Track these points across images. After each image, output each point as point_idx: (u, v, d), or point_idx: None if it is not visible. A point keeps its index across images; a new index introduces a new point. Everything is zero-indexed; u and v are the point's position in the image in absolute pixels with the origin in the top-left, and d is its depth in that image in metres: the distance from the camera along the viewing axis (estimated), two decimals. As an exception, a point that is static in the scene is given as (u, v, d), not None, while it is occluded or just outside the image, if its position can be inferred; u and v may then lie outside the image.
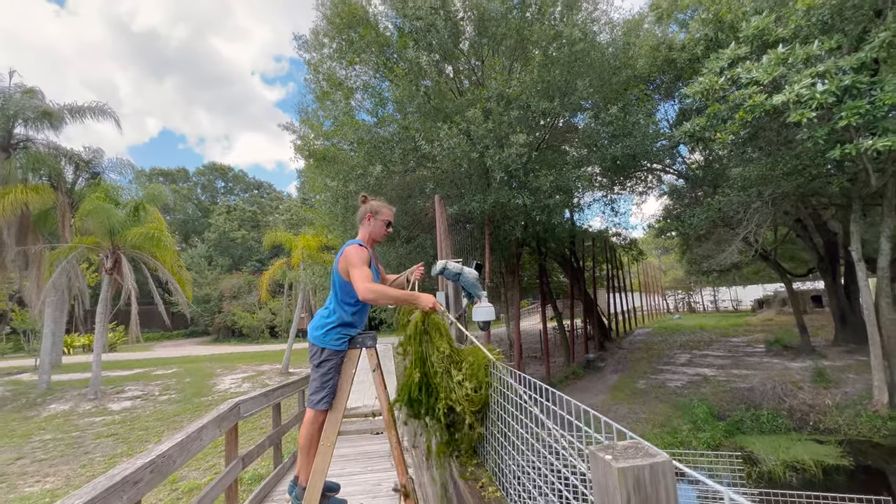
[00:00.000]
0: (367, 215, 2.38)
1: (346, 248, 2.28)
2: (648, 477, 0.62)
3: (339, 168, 8.67)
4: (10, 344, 28.16)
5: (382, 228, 2.40)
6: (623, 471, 0.62)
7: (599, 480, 0.67)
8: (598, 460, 0.68)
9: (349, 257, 2.22)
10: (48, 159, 14.67)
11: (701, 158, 14.73)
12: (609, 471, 0.64)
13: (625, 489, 0.61)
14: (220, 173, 52.89)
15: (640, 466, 0.62)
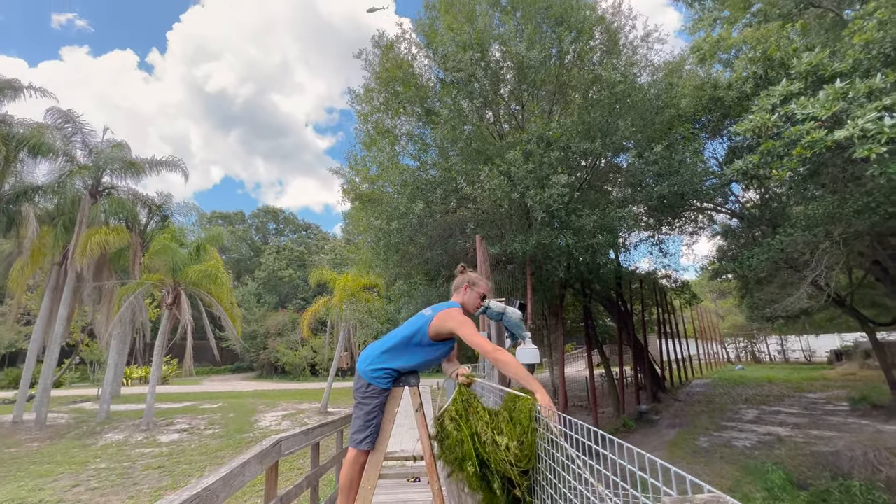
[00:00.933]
0: (465, 285, 2.42)
1: (449, 308, 2.27)
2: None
3: (382, 208, 9.01)
4: (77, 373, 30.28)
5: (477, 301, 2.42)
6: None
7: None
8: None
9: (456, 322, 2.20)
10: (127, 204, 16.34)
11: (756, 196, 13.99)
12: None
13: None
14: (272, 216, 56.46)
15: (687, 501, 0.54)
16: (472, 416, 2.01)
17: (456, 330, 2.18)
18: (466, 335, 2.14)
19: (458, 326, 2.18)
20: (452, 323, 2.20)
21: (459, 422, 2.02)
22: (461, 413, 2.04)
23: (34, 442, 11.69)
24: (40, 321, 15.20)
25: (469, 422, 2.00)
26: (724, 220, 16.15)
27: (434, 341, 2.23)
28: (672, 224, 15.23)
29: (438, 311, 2.28)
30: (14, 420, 13.77)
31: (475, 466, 1.91)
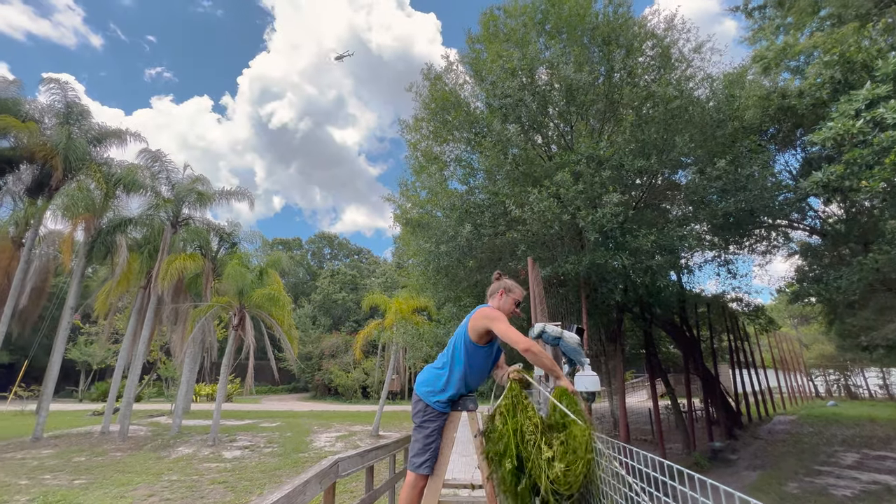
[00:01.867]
0: (501, 291, 2.45)
1: (484, 308, 2.33)
2: None
3: (431, 232, 9.17)
4: (154, 389, 32.92)
5: (512, 306, 2.44)
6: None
7: None
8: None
9: (489, 317, 2.25)
10: (202, 232, 17.93)
11: (840, 211, 12.65)
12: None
13: None
14: (327, 241, 59.36)
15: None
16: (520, 413, 1.97)
17: (490, 324, 2.20)
18: (500, 330, 2.16)
19: (491, 321, 2.20)
20: (485, 320, 2.22)
21: (507, 416, 2.01)
22: (509, 408, 2.02)
23: (117, 452, 12.74)
24: (126, 340, 16.82)
25: (516, 418, 1.97)
26: (801, 237, 14.70)
27: (476, 344, 2.23)
28: (740, 243, 14.07)
29: (473, 314, 2.29)
30: (102, 431, 15.15)
31: (513, 463, 1.87)
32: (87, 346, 31.41)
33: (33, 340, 23.35)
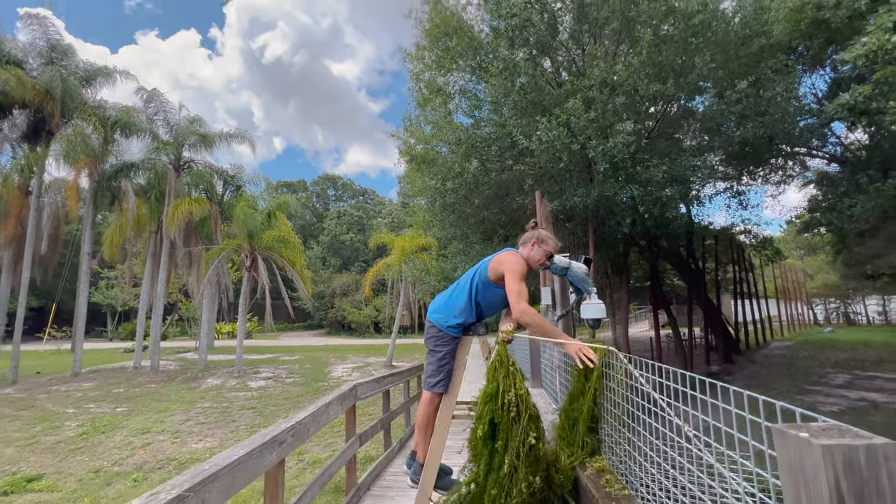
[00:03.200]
0: (533, 241, 2.39)
1: (506, 253, 2.32)
2: (864, 460, 0.52)
3: (437, 169, 8.99)
4: (178, 328, 34.73)
5: (543, 258, 2.38)
6: (828, 448, 0.53)
7: (791, 461, 0.58)
8: (788, 438, 0.59)
9: (509, 263, 2.23)
10: (205, 176, 17.79)
11: (864, 137, 12.09)
12: (807, 449, 0.55)
13: (831, 469, 0.52)
14: (331, 182, 58.73)
15: (851, 446, 0.53)
16: (502, 380, 1.93)
17: (505, 271, 2.20)
18: (509, 282, 2.16)
19: (507, 268, 2.20)
20: (504, 266, 2.22)
21: (490, 376, 1.99)
22: (492, 370, 1.99)
23: (152, 384, 13.78)
24: (145, 283, 17.44)
25: (495, 382, 1.93)
26: (819, 166, 14.21)
27: (493, 282, 2.28)
28: (754, 173, 13.66)
29: (495, 256, 2.32)
30: (135, 366, 16.26)
31: (484, 430, 1.85)
32: (109, 290, 32.72)
33: (57, 285, 24.32)
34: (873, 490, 0.53)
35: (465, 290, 2.35)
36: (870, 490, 0.53)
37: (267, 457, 2.39)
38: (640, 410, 1.52)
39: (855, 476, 0.53)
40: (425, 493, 2.22)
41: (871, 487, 0.53)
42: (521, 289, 2.15)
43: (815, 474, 0.55)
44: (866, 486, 0.53)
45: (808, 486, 0.57)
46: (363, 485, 4.30)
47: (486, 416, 1.88)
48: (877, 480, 0.53)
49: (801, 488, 0.58)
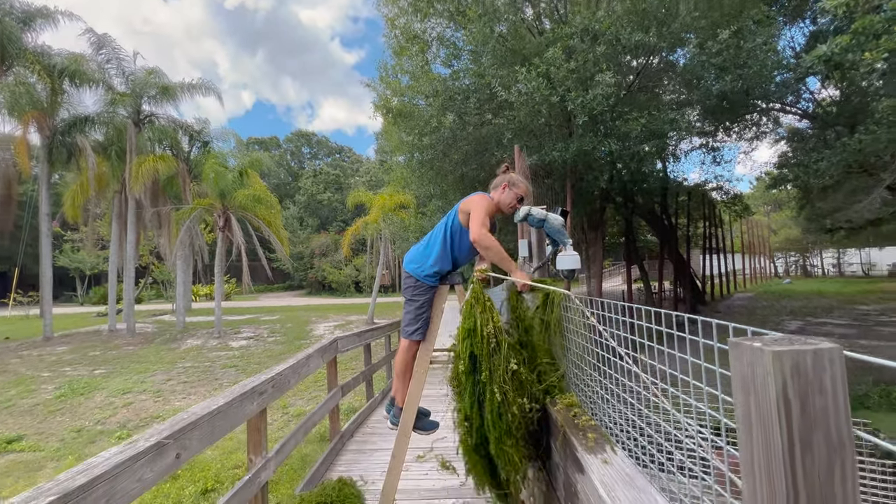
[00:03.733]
0: (504, 184, 2.35)
1: (477, 195, 2.30)
2: (811, 363, 0.55)
3: (414, 123, 8.70)
4: (153, 291, 34.00)
5: (513, 201, 2.34)
6: (778, 354, 0.55)
7: (743, 373, 0.61)
8: (741, 348, 0.61)
9: (475, 202, 2.23)
10: (169, 131, 16.76)
11: (835, 93, 12.26)
12: (759, 356, 0.58)
13: (780, 375, 0.55)
14: (305, 140, 56.38)
15: (800, 351, 0.55)
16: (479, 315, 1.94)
17: (471, 208, 2.20)
18: (474, 213, 2.17)
19: (474, 206, 2.21)
20: (471, 204, 2.23)
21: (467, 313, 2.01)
22: (469, 305, 2.01)
23: (129, 346, 13.63)
24: (113, 245, 16.79)
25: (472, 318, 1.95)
26: (791, 122, 14.46)
27: (464, 227, 2.29)
28: (730, 129, 13.84)
29: (464, 200, 2.31)
30: (110, 329, 15.97)
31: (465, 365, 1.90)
32: (75, 254, 31.42)
33: (17, 249, 23.16)
34: (816, 390, 0.55)
35: (438, 238, 2.35)
36: (813, 391, 0.55)
37: (248, 406, 2.43)
38: (599, 348, 1.59)
39: (801, 379, 0.55)
40: (405, 433, 2.31)
41: (814, 388, 0.55)
42: (485, 220, 2.16)
43: (765, 381, 0.57)
44: (811, 387, 0.56)
45: (758, 394, 0.59)
46: (346, 432, 4.46)
47: (466, 350, 1.94)
48: (821, 382, 0.55)
49: (751, 397, 0.61)
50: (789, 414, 0.55)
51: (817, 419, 0.55)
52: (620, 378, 1.44)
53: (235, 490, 2.31)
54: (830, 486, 0.54)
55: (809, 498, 0.54)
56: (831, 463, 0.55)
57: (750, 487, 0.61)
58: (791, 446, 0.55)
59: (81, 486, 1.36)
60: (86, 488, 1.37)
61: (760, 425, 0.58)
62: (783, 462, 0.55)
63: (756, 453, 0.59)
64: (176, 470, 1.92)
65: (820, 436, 0.55)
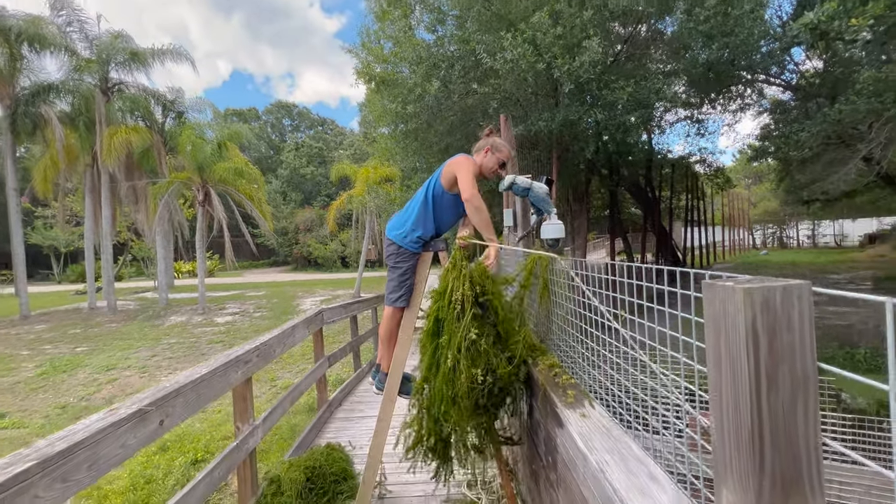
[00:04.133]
0: (487, 148, 2.31)
1: (458, 157, 2.27)
2: (780, 299, 0.56)
3: (397, 91, 8.44)
4: (133, 269, 33.28)
5: (495, 166, 2.31)
6: (749, 291, 0.56)
7: (715, 312, 0.62)
8: (715, 289, 0.62)
9: (460, 164, 2.21)
10: (140, 101, 15.98)
11: (818, 66, 12.30)
12: (731, 294, 0.58)
13: (750, 310, 0.56)
14: (286, 111, 54.52)
15: (770, 287, 0.56)
16: (454, 281, 1.94)
17: (456, 171, 2.20)
18: (461, 176, 2.17)
19: (458, 168, 2.20)
20: (455, 166, 2.21)
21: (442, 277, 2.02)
22: (447, 270, 2.02)
23: (111, 323, 13.42)
24: (88, 221, 16.22)
25: (446, 282, 1.96)
26: (775, 94, 14.54)
27: (446, 190, 2.27)
28: (714, 101, 13.85)
29: (447, 163, 2.28)
30: (90, 306, 15.66)
31: (431, 325, 1.94)
32: (48, 231, 30.34)
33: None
34: (784, 326, 0.56)
35: (420, 203, 2.33)
36: (781, 326, 0.56)
37: (232, 375, 2.42)
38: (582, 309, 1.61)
39: (770, 314, 0.56)
40: (390, 398, 2.35)
41: (782, 324, 0.56)
42: (471, 180, 2.16)
43: (735, 317, 0.58)
44: (779, 323, 0.56)
45: (728, 331, 0.60)
46: (334, 401, 4.53)
47: (433, 313, 1.96)
48: (788, 318, 0.56)
49: (721, 336, 0.61)
50: (757, 349, 0.56)
51: (784, 354, 0.56)
52: (602, 336, 1.47)
53: (223, 455, 2.34)
54: (793, 420, 0.56)
55: (773, 431, 0.56)
56: (795, 397, 0.56)
57: (718, 424, 0.63)
58: (757, 381, 0.56)
59: (61, 452, 1.35)
60: (66, 454, 1.36)
61: (729, 362, 0.59)
62: (749, 397, 0.56)
63: (724, 390, 0.61)
64: (161, 436, 1.92)
65: (786, 370, 0.56)
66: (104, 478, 4.95)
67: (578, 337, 1.86)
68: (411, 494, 2.90)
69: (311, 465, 2.91)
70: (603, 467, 1.07)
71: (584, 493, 1.21)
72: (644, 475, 1.02)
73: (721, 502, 0.64)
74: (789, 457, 0.56)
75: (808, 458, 0.56)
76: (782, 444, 0.56)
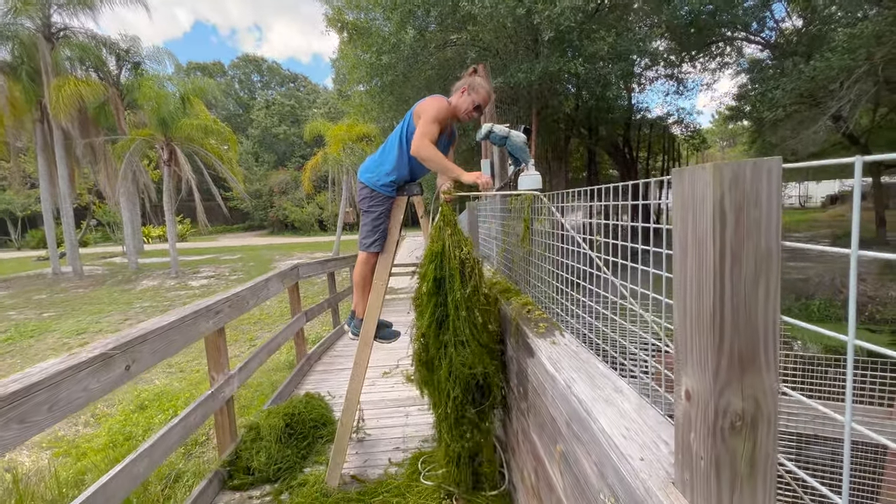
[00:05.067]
0: (464, 88, 2.16)
1: (432, 98, 2.14)
2: (750, 174, 0.54)
3: (371, 40, 7.98)
4: (99, 234, 31.88)
5: (470, 107, 2.16)
6: (718, 167, 0.54)
7: (684, 193, 0.60)
8: (683, 172, 0.60)
9: (426, 106, 2.09)
10: (90, 48, 14.66)
11: (798, 24, 12.25)
12: (700, 173, 0.56)
13: (719, 187, 0.54)
14: (255, 66, 51.26)
15: (740, 163, 0.54)
16: (448, 237, 1.95)
17: (423, 113, 2.09)
18: (421, 121, 2.07)
19: (424, 110, 2.09)
20: (423, 107, 2.10)
21: (435, 235, 2.02)
22: (439, 227, 2.00)
23: (78, 289, 12.94)
24: (43, 182, 15.22)
25: (442, 241, 1.96)
26: (753, 53, 14.52)
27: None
28: (694, 59, 13.75)
29: (422, 101, 2.17)
30: (54, 272, 15.01)
31: (429, 287, 1.94)
32: (1, 194, 28.47)
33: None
34: (752, 202, 0.55)
35: (394, 145, 2.23)
36: (749, 202, 0.55)
37: (203, 324, 2.37)
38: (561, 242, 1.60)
39: (738, 190, 0.54)
40: (366, 343, 2.35)
41: (751, 200, 0.55)
42: (430, 128, 2.06)
43: (704, 195, 0.56)
44: (747, 199, 0.55)
45: (696, 211, 0.58)
46: (314, 355, 4.55)
47: (431, 273, 1.94)
48: (757, 194, 0.55)
49: (689, 217, 0.60)
50: (724, 227, 0.54)
51: (750, 231, 0.55)
52: (583, 268, 1.48)
53: (198, 402, 2.33)
54: (755, 296, 0.56)
55: (734, 308, 0.56)
56: (758, 274, 0.56)
57: (680, 307, 0.63)
58: (722, 258, 0.55)
59: (16, 393, 1.30)
60: (21, 394, 1.32)
61: (695, 243, 0.58)
62: (713, 275, 0.56)
63: (689, 273, 0.60)
64: (129, 381, 1.88)
65: (750, 247, 0.55)
66: (82, 436, 4.93)
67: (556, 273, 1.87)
68: (389, 437, 2.99)
69: (290, 413, 2.95)
70: (570, 384, 1.09)
71: (552, 412, 1.25)
72: (609, 388, 1.05)
73: (681, 390, 0.65)
74: (748, 333, 0.56)
75: (765, 334, 0.57)
76: (742, 320, 0.56)
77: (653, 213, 20.84)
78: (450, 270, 1.91)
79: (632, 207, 2.51)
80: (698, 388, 0.60)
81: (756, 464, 0.59)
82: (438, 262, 1.96)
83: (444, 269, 1.94)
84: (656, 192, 22.26)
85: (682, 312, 0.62)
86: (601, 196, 1.28)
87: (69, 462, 4.20)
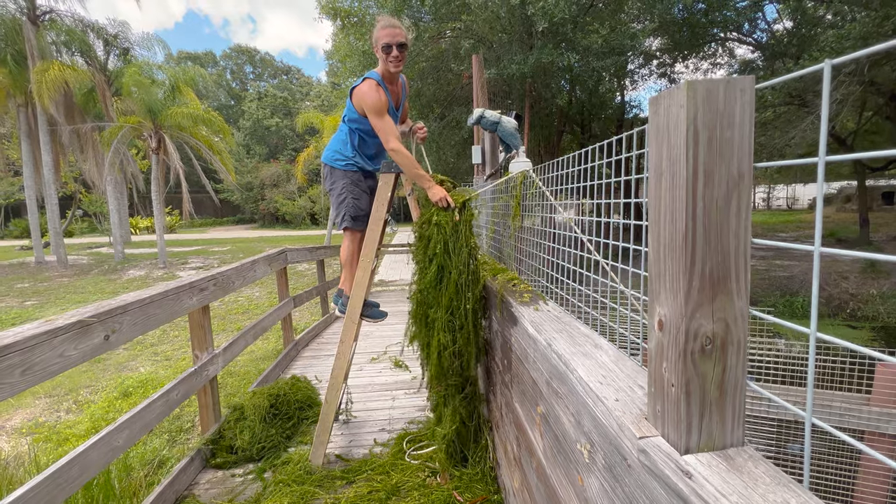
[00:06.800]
0: (374, 49, 2.12)
1: (359, 88, 2.10)
2: (723, 92, 0.54)
3: (365, 29, 7.92)
4: (85, 224, 31.32)
5: (385, 57, 2.08)
6: (693, 84, 0.54)
7: (658, 121, 0.60)
8: (659, 96, 0.60)
9: (364, 101, 2.05)
10: (76, 32, 14.35)
11: (788, 26, 12.43)
12: (674, 94, 0.56)
13: (693, 106, 0.54)
14: (247, 57, 50.67)
15: (714, 80, 0.54)
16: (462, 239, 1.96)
17: (367, 112, 2.08)
18: (372, 121, 2.05)
19: (366, 107, 2.07)
20: (363, 104, 2.08)
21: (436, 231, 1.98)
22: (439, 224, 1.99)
23: (62, 278, 12.70)
24: (26, 169, 14.90)
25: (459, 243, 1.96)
26: (744, 54, 14.72)
27: (362, 116, 2.17)
28: (687, 59, 13.90)
29: (357, 84, 2.14)
30: (37, 261, 14.72)
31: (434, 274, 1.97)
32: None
33: None
34: (725, 122, 0.55)
35: (344, 126, 2.28)
36: (722, 122, 0.55)
37: (186, 300, 2.34)
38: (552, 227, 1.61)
39: (711, 109, 0.54)
40: (352, 319, 2.34)
41: (724, 120, 0.55)
42: (385, 125, 2.04)
43: (678, 117, 0.56)
44: (721, 119, 0.55)
45: (670, 132, 0.58)
46: (301, 341, 4.52)
47: (434, 267, 1.98)
48: (731, 113, 0.55)
49: (664, 142, 0.60)
50: (697, 146, 0.54)
51: (723, 151, 0.55)
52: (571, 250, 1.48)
53: (181, 378, 2.30)
54: (726, 216, 0.56)
55: (706, 229, 0.56)
56: (730, 194, 0.56)
57: (654, 234, 0.63)
58: (695, 179, 0.55)
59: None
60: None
61: (669, 166, 0.58)
62: (686, 197, 0.56)
63: (663, 197, 0.60)
64: (108, 351, 1.85)
65: (723, 168, 0.55)
66: (64, 422, 4.84)
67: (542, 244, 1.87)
68: (375, 419, 2.99)
69: (275, 394, 2.93)
70: (550, 342, 1.09)
71: (534, 375, 1.25)
72: (589, 345, 1.05)
73: (654, 322, 0.65)
74: (719, 255, 0.57)
75: (736, 255, 0.57)
76: (713, 241, 0.56)
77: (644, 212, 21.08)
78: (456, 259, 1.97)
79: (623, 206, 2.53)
80: (670, 315, 0.60)
81: (725, 388, 0.59)
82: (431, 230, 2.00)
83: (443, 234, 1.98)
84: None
85: (655, 239, 0.62)
86: (586, 159, 1.28)
87: (50, 448, 4.13)
